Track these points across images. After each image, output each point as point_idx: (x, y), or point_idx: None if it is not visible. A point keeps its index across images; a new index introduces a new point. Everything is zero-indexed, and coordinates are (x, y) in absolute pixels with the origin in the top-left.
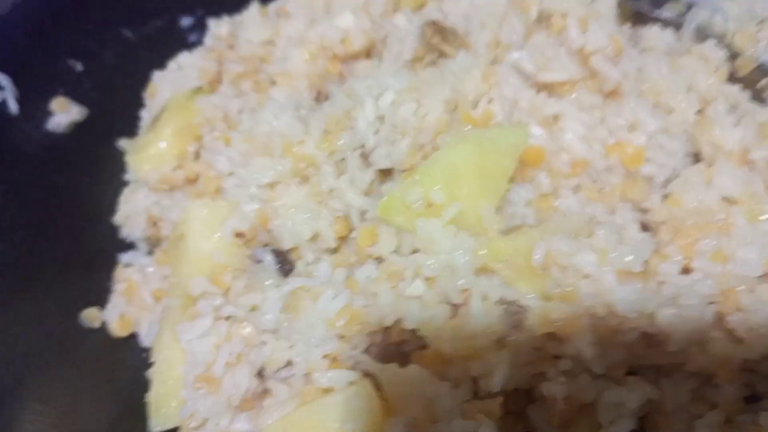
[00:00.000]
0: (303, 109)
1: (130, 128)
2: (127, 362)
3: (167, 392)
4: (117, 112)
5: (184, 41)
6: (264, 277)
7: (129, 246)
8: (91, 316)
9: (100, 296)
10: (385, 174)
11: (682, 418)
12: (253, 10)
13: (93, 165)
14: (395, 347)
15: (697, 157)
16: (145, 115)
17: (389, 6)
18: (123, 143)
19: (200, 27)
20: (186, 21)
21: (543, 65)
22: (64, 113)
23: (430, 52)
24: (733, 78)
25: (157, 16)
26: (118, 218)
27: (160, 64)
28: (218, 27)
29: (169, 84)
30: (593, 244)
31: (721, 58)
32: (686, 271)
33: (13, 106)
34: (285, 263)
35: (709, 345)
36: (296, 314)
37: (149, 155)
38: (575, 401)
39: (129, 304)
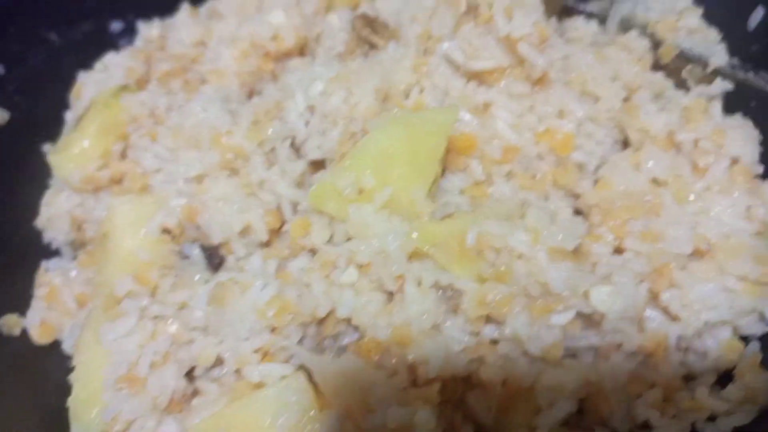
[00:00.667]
0: (233, 103)
1: (55, 132)
2: (50, 370)
3: (88, 397)
4: (41, 116)
5: (113, 46)
6: (192, 273)
7: (54, 253)
8: (10, 323)
9: (21, 303)
10: (317, 165)
11: (621, 399)
12: (183, 12)
13: (15, 169)
14: (332, 341)
15: (625, 144)
16: (70, 116)
17: (321, 5)
18: (47, 147)
19: (130, 32)
20: (116, 25)
21: (472, 54)
22: None
23: (361, 45)
24: (657, 66)
25: (85, 19)
26: (40, 222)
27: (88, 68)
28: (148, 29)
29: (95, 84)
30: (525, 225)
31: (644, 48)
32: (618, 251)
33: None
34: (215, 258)
35: (645, 323)
36: (224, 307)
37: (72, 154)
38: (513, 385)
39: (50, 310)
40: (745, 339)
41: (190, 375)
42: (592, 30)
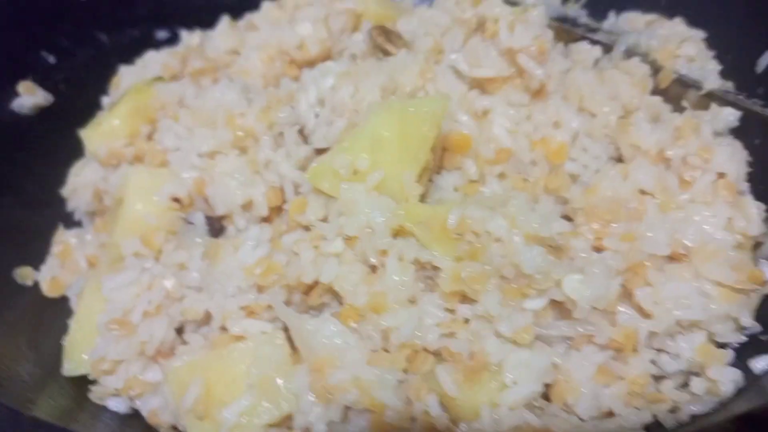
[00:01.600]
0: (251, 92)
1: (93, 117)
2: (53, 319)
3: (83, 338)
4: (82, 103)
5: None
6: (193, 237)
7: (76, 224)
8: (23, 274)
9: (37, 259)
10: (321, 153)
11: (588, 388)
12: (223, 24)
13: (51, 146)
14: (316, 312)
15: (620, 161)
16: (106, 101)
17: (349, 24)
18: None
19: (174, 40)
20: (162, 34)
21: (475, 63)
22: (30, 96)
23: (376, 52)
24: (656, 91)
25: (135, 26)
26: (66, 191)
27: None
28: (190, 37)
29: (133, 76)
30: (506, 212)
31: (644, 73)
32: (598, 250)
33: None
34: (216, 225)
35: (618, 317)
36: (216, 264)
37: (102, 130)
38: (481, 359)
39: (62, 267)
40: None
41: (179, 331)
42: (596, 54)
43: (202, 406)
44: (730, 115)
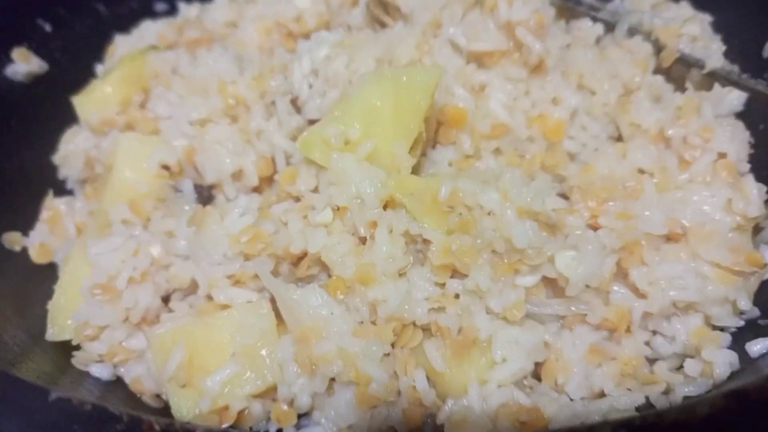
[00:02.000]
0: (245, 61)
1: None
2: (40, 285)
3: (67, 303)
4: (77, 72)
5: None
6: (182, 205)
7: (68, 192)
8: (12, 239)
9: (27, 225)
10: (314, 123)
11: (579, 368)
12: None
13: (45, 114)
14: (304, 283)
15: (619, 140)
16: (100, 69)
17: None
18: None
19: (173, 12)
20: (161, 6)
21: (474, 37)
22: (24, 63)
23: (373, 23)
24: (659, 70)
25: None
26: (58, 158)
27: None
28: (188, 9)
29: (128, 45)
30: (498, 186)
31: (646, 52)
32: (593, 228)
33: None
34: (204, 193)
35: (612, 296)
36: (202, 230)
37: (94, 97)
38: (470, 335)
39: (51, 234)
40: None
41: (165, 301)
42: (597, 31)
43: (184, 373)
44: (734, 99)
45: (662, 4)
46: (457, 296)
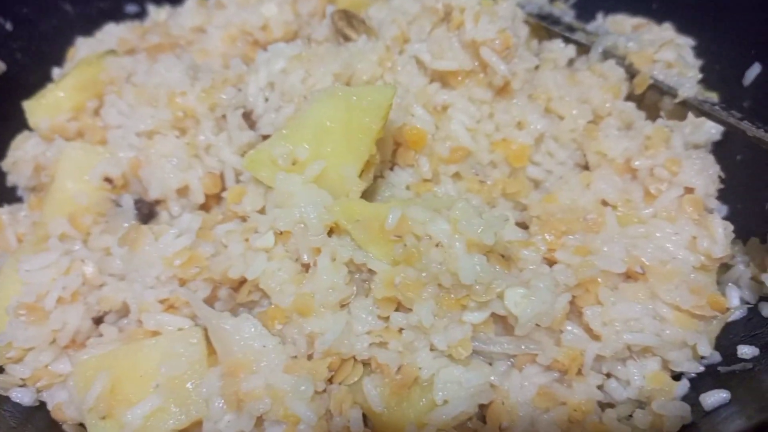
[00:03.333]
0: (200, 71)
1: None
2: None
3: None
4: (37, 74)
5: None
6: (122, 221)
7: (17, 199)
8: None
9: None
10: (266, 138)
11: (526, 412)
12: (191, 1)
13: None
14: (246, 309)
15: (586, 168)
16: (57, 72)
17: (319, 8)
18: None
19: (143, 15)
20: (131, 8)
21: (438, 55)
22: None
23: (338, 37)
24: (632, 97)
25: None
26: (6, 164)
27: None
28: (157, 13)
29: (88, 48)
30: (449, 216)
31: (619, 77)
32: (550, 263)
33: None
34: (144, 210)
35: (564, 337)
36: (135, 249)
37: (45, 102)
38: (410, 374)
39: None
40: (678, 377)
41: (97, 322)
42: (569, 54)
43: (104, 404)
44: (712, 128)
45: (644, 25)
46: (400, 330)
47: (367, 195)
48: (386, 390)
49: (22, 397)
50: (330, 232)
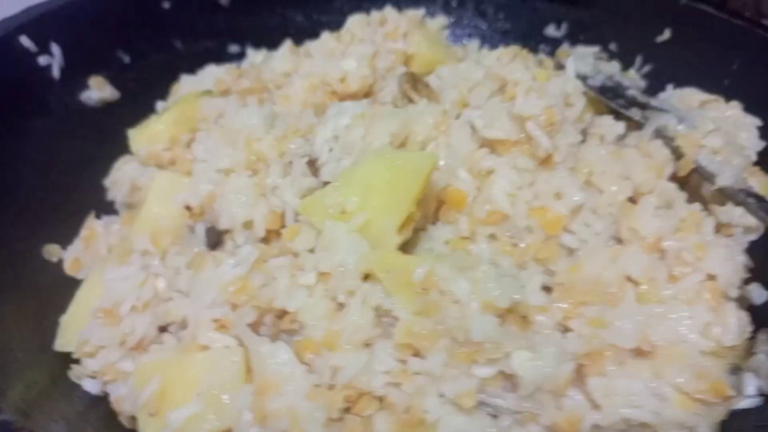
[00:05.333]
0: (278, 119)
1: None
2: (65, 296)
3: (77, 319)
4: (143, 106)
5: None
6: (193, 246)
7: (114, 212)
8: (51, 251)
9: (67, 239)
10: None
11: None
12: (284, 47)
13: (108, 139)
14: (288, 336)
15: (620, 242)
16: (160, 106)
17: (398, 63)
18: None
19: (243, 56)
20: (234, 48)
21: (489, 123)
22: (98, 90)
23: (403, 97)
24: (677, 178)
25: (210, 38)
26: (108, 181)
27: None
28: (255, 56)
29: (190, 86)
30: (472, 276)
31: (664, 157)
32: (565, 329)
33: (56, 72)
34: (213, 238)
35: (565, 401)
36: (199, 273)
37: (146, 132)
38: (416, 414)
39: (85, 250)
40: None
41: (162, 330)
42: (618, 130)
43: (154, 403)
44: (743, 216)
45: (712, 101)
46: (416, 374)
47: (409, 245)
48: (394, 426)
49: (91, 387)
50: (365, 278)
